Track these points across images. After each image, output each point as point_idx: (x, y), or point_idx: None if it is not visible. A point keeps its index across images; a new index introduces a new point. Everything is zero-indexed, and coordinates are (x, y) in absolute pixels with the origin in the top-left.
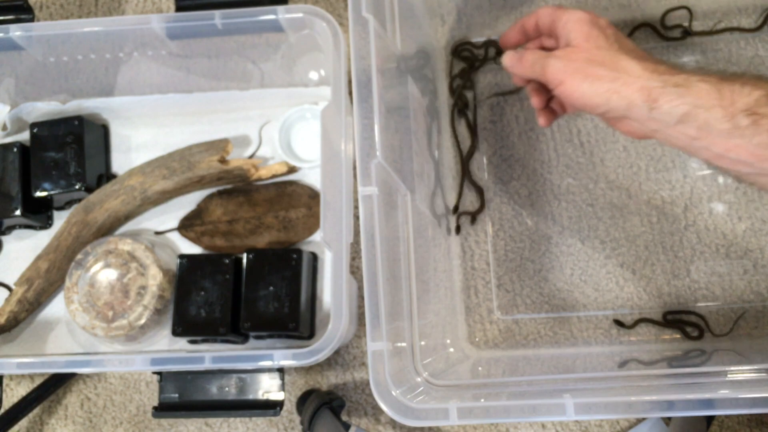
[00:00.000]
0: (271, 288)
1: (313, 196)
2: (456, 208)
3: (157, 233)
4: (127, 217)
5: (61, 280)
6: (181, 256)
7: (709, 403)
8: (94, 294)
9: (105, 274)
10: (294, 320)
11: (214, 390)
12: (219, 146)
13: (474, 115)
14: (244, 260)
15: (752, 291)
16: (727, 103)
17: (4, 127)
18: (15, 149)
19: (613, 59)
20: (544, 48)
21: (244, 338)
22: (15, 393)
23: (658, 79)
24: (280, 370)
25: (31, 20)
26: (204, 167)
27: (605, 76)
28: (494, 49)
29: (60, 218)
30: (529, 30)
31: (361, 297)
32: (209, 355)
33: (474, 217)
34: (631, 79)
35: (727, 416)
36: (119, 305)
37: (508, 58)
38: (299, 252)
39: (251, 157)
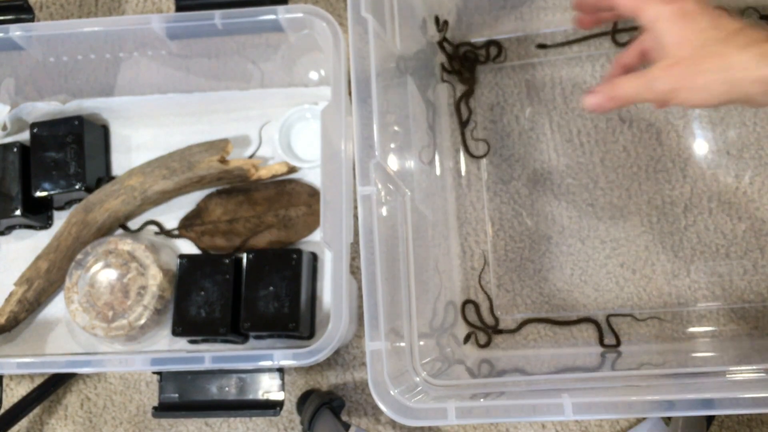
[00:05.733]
0: (271, 288)
1: (313, 194)
2: None
3: (157, 233)
4: (127, 217)
5: (61, 280)
6: (181, 256)
7: (709, 403)
8: (94, 294)
9: (105, 274)
10: (294, 320)
11: (214, 390)
12: (219, 146)
13: (465, 116)
14: (244, 260)
15: (752, 291)
16: None
17: (4, 127)
18: (15, 149)
19: (716, 57)
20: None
21: (244, 338)
22: (15, 393)
23: (763, 62)
24: (280, 370)
25: (31, 20)
26: (204, 167)
27: (715, 79)
28: (496, 49)
29: (60, 218)
30: (602, 5)
31: (361, 297)
32: (209, 355)
33: None
34: (742, 73)
35: (727, 416)
36: (119, 305)
37: (594, 101)
38: (299, 252)
39: (251, 157)
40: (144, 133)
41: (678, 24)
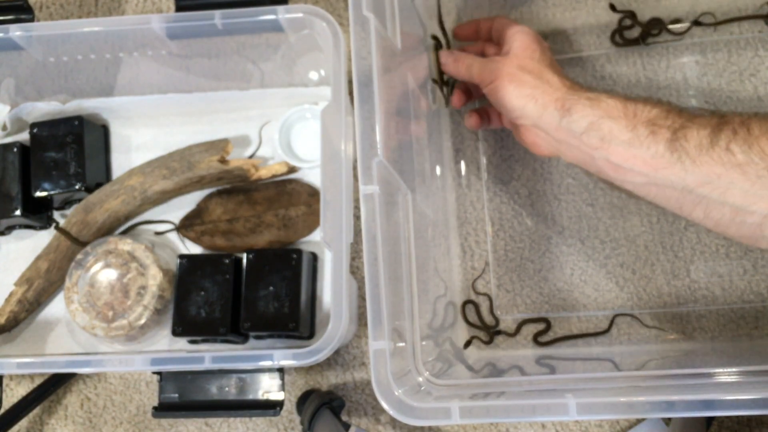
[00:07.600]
0: (271, 288)
1: (313, 193)
2: None
3: (157, 233)
4: (127, 217)
5: (61, 280)
6: (181, 256)
7: (709, 404)
8: (94, 294)
9: (105, 274)
10: (294, 320)
11: (214, 390)
12: (219, 146)
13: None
14: (244, 260)
15: (752, 291)
16: (631, 115)
17: (4, 127)
18: (15, 149)
19: (541, 71)
20: (483, 54)
21: (244, 338)
22: (15, 393)
23: (573, 93)
24: (280, 370)
25: (31, 20)
26: (204, 167)
27: (529, 82)
28: None
29: (60, 218)
30: (482, 31)
31: (361, 297)
32: (209, 355)
33: None
34: (551, 90)
35: (727, 416)
36: (119, 305)
37: (444, 56)
38: (299, 252)
39: (251, 157)
40: (144, 133)
41: (529, 40)
